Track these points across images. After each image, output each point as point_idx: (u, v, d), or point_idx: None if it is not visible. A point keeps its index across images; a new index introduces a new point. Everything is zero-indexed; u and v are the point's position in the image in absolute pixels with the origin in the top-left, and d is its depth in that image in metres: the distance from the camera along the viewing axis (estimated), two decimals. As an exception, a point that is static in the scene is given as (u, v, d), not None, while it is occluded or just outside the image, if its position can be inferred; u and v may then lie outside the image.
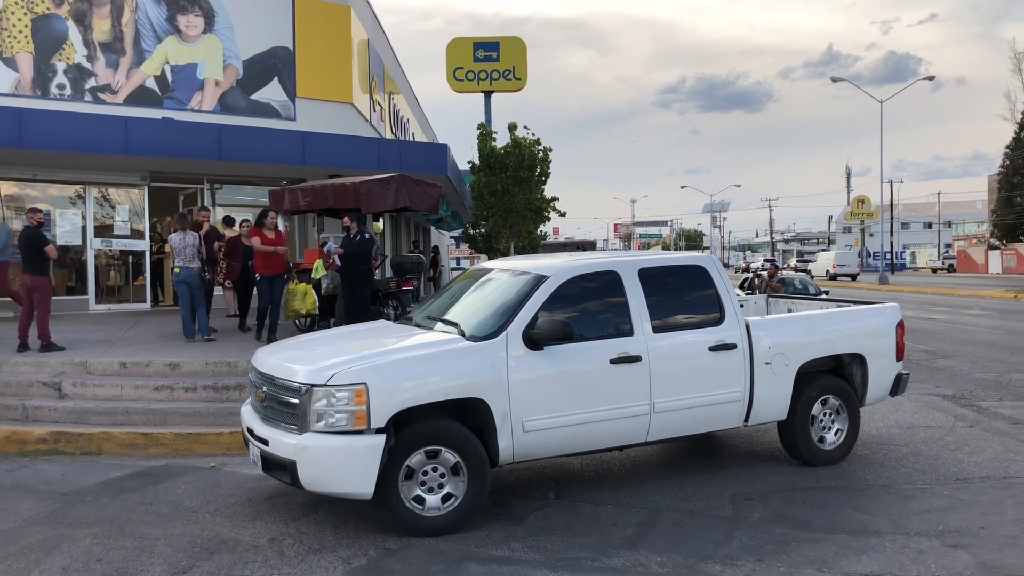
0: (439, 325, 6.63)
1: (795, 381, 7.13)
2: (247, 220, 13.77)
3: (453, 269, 40.46)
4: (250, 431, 6.05)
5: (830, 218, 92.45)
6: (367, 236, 11.72)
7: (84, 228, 16.69)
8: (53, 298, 11.04)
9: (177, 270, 11.45)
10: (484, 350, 5.89)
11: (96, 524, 5.95)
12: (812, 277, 27.88)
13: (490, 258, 24.79)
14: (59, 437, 8.09)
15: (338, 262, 11.60)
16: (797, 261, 59.56)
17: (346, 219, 11.79)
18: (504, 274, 7.05)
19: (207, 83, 18.54)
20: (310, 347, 6.60)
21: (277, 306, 11.86)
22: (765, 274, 18.67)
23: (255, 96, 19.02)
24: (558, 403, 6.04)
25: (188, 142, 15.41)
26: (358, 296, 11.42)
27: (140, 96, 17.85)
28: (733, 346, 6.78)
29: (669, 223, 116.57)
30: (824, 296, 17.61)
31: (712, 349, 6.70)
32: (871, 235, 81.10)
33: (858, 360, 7.60)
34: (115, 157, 15.17)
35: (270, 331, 11.61)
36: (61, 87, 17.24)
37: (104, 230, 17.03)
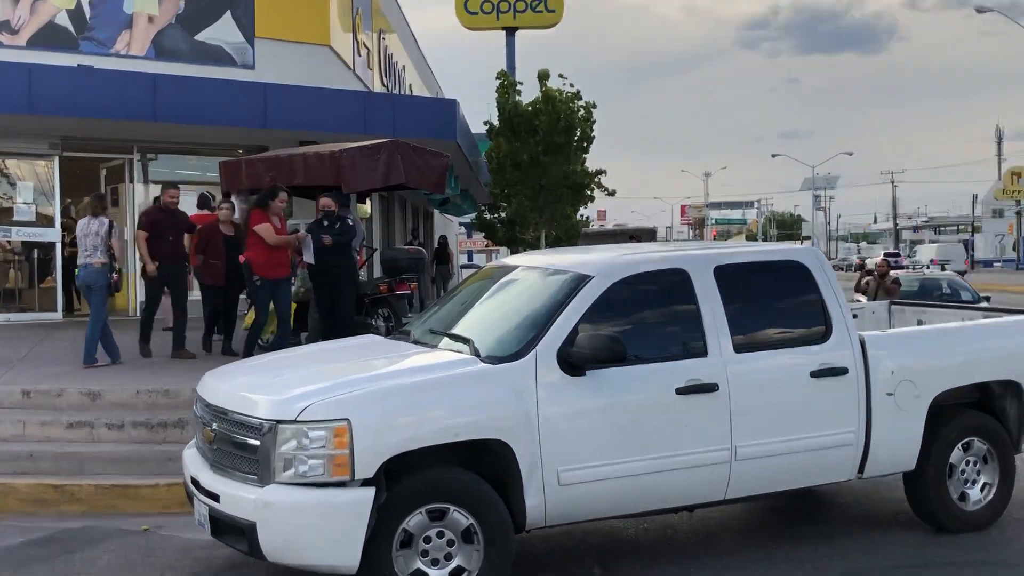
0: (445, 341, 6.65)
1: (927, 419, 7.07)
2: (229, 202, 13.47)
3: (464, 267, 40.55)
4: (195, 482, 6.10)
5: (975, 197, 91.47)
6: (350, 223, 11.79)
7: (-27, 213, 16.95)
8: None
9: (76, 269, 11.63)
10: (506, 375, 5.90)
11: (-8, 605, 6.03)
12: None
13: (513, 252, 24.82)
14: (-57, 490, 8.20)
15: (310, 258, 11.65)
16: (885, 255, 56.45)
17: (325, 200, 11.87)
18: (532, 273, 7.06)
19: (137, 19, 18.74)
20: (275, 371, 6.65)
21: (287, 318, 11.77)
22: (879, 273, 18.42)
23: (201, 36, 19.21)
24: (606, 447, 6.03)
25: (112, 98, 15.56)
26: (339, 303, 11.48)
27: (48, 37, 18.08)
28: (843, 371, 6.75)
29: (756, 204, 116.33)
30: (985, 304, 16.75)
31: (815, 375, 6.68)
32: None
33: (1012, 390, 7.53)
34: (15, 118, 15.36)
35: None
36: (-56, 26, 17.51)
37: (1, 215, 17.25)
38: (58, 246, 17.46)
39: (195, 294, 13.44)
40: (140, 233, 11.95)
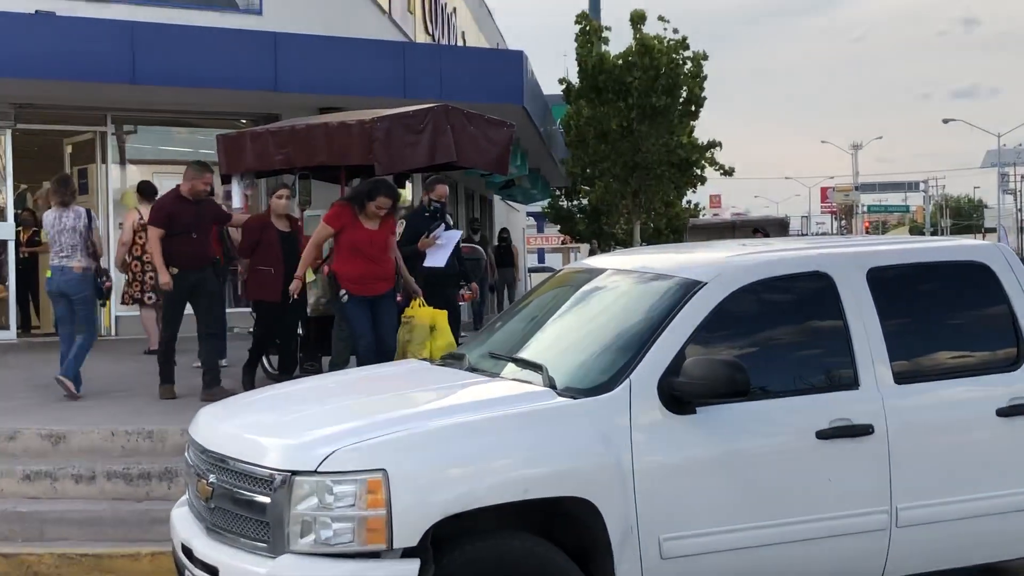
0: (510, 369, 6.67)
1: None
2: (286, 187, 13.13)
3: (533, 270, 40.67)
4: (188, 551, 6.16)
5: None
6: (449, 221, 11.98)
7: (-97, 202, 17.32)
8: None
9: (48, 273, 11.76)
10: (591, 413, 5.89)
11: None
12: None
13: (599, 250, 24.80)
14: None
15: (440, 262, 11.83)
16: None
17: (442, 188, 12.34)
18: (624, 279, 7.07)
19: (112, -48, 19.00)
20: (290, 407, 6.71)
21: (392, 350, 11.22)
22: None
23: (193, -28, 19.41)
24: (722, 509, 6.01)
25: (79, 53, 15.80)
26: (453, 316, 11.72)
27: (0, -24, 18.38)
28: (1041, 408, 6.66)
29: (922, 186, 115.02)
30: None
31: (1003, 413, 6.59)
32: None
33: None
34: (-42, 80, 15.66)
35: None
36: None
37: (-62, 205, 17.58)
38: (11, 245, 17.69)
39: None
40: (154, 231, 11.43)
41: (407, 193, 19.69)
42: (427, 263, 11.83)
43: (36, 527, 8.77)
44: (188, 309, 11.74)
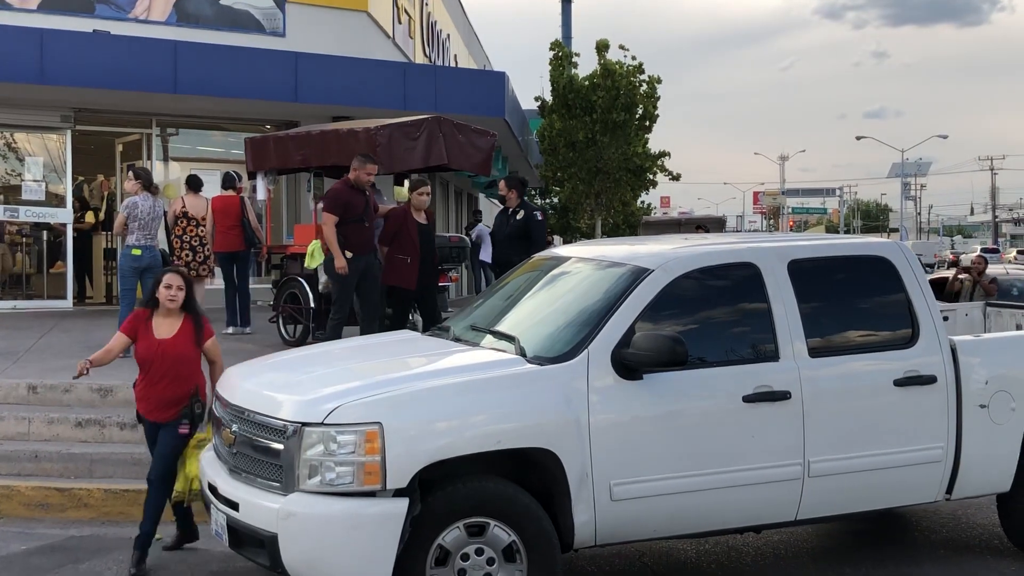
0: (488, 339, 6.67)
1: (1026, 434, 7.00)
2: (426, 184, 11.96)
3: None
4: (213, 489, 6.17)
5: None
6: (536, 216, 11.74)
7: (-20, 190, 17.24)
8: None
9: (137, 252, 11.37)
10: (554, 378, 5.90)
11: (-10, 619, 6.14)
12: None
13: (566, 241, 24.81)
14: (-60, 491, 8.35)
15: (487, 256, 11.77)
16: (981, 251, 50.15)
17: (504, 186, 12.08)
18: (585, 266, 7.06)
19: (158, -19, 18.91)
20: (302, 368, 6.70)
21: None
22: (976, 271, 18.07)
23: (227, 1, 19.35)
24: (663, 459, 6.02)
25: (130, 67, 15.77)
26: None
27: (62, 0, 18.26)
28: (931, 379, 6.69)
29: (838, 192, 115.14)
30: None
31: (899, 383, 6.62)
32: None
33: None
34: (24, 88, 15.60)
35: None
36: (-49, -13, 17.77)
37: (7, 193, 17.53)
38: (69, 228, 17.70)
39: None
40: (330, 218, 10.68)
41: (404, 190, 19.58)
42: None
43: (86, 466, 8.75)
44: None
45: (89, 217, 18.84)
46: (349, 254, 10.67)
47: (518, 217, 11.82)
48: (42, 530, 7.88)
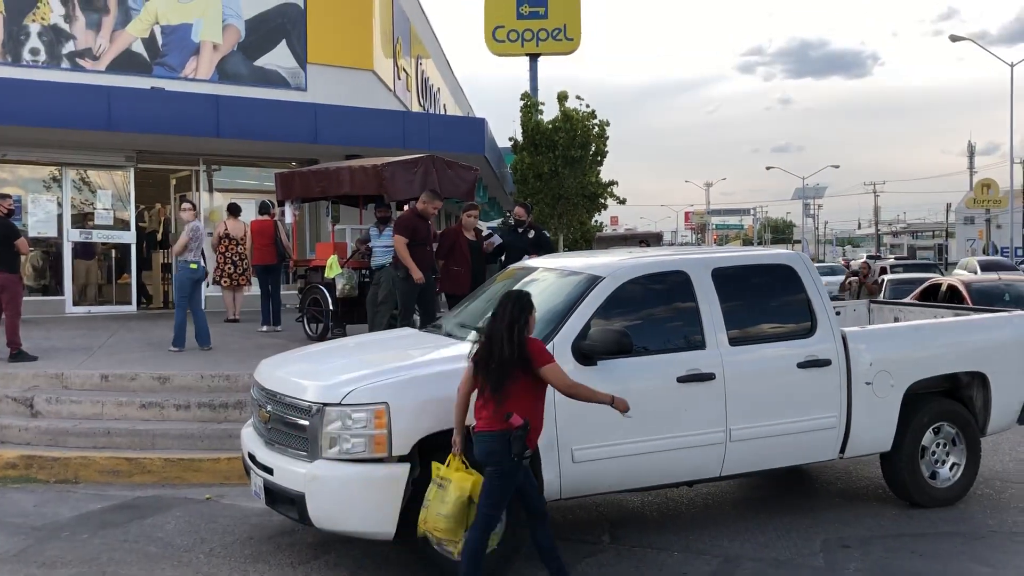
0: (473, 335, 6.66)
1: (902, 405, 7.05)
2: (475, 207, 11.94)
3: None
4: (252, 457, 6.17)
5: (948, 206, 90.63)
6: (545, 233, 12.04)
7: (60, 217, 17.08)
8: (24, 299, 11.31)
9: (194, 266, 11.75)
10: (526, 365, 5.91)
11: (73, 564, 6.11)
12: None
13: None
14: (31, 462, 8.31)
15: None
16: (867, 258, 45.52)
17: (519, 209, 12.39)
18: (550, 274, 7.08)
19: (203, 47, 18.87)
20: (323, 360, 6.70)
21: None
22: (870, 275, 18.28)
23: (259, 62, 19.31)
24: (614, 429, 6.04)
25: (181, 116, 15.72)
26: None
27: (126, 62, 18.23)
28: (827, 362, 6.74)
29: (752, 212, 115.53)
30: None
31: (801, 366, 6.67)
32: (998, 227, 79.23)
33: (979, 380, 7.50)
34: (96, 134, 15.53)
35: None
36: (35, 52, 17.66)
37: (83, 219, 17.42)
38: (133, 247, 17.67)
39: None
40: (399, 239, 10.27)
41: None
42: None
43: (149, 440, 8.71)
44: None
45: (182, 237, 18.84)
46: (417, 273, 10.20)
47: (530, 236, 12.09)
48: (114, 492, 7.85)
